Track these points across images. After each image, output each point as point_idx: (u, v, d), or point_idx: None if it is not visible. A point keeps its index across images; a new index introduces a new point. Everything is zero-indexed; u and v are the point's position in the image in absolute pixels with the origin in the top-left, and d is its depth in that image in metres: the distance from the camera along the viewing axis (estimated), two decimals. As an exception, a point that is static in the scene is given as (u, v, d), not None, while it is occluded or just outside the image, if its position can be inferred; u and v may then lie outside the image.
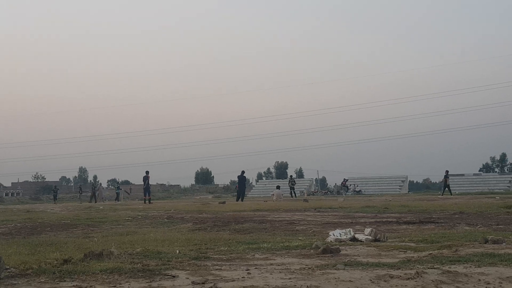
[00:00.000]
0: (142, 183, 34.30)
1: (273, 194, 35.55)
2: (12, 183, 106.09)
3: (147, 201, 31.64)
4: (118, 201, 47.44)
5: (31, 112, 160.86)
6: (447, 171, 39.33)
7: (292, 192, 42.78)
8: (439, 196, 32.25)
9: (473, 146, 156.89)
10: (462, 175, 62.12)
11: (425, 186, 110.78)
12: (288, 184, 44.82)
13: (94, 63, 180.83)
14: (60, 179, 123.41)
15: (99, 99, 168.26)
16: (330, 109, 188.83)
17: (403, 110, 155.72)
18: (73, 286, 4.51)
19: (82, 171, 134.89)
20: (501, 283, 4.44)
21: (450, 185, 39.74)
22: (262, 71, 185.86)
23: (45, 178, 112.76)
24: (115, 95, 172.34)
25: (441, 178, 41.92)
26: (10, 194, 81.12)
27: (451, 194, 35.74)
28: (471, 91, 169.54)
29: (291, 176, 52.03)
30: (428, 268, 5.11)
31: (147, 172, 33.69)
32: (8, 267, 5.35)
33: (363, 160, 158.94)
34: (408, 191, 64.60)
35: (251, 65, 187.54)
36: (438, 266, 5.24)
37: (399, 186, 64.09)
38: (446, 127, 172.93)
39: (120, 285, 4.52)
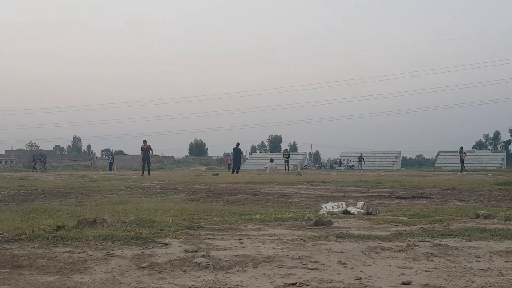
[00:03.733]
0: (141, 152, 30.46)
1: (267, 167, 35.65)
2: (5, 150, 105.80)
3: (145, 173, 28.98)
4: (111, 170, 47.53)
5: (26, 79, 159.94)
6: (461, 147, 39.54)
7: (286, 165, 42.95)
8: (460, 173, 31.19)
9: (467, 123, 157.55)
10: (456, 151, 62.37)
11: (418, 162, 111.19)
12: (283, 157, 45.09)
13: (89, 32, 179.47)
14: (54, 147, 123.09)
15: (95, 68, 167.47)
16: (325, 84, 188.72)
17: (397, 85, 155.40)
18: (66, 251, 4.53)
19: (76, 140, 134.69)
20: (491, 257, 4.48)
21: (450, 162, 39.73)
22: (258, 43, 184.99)
23: (38, 147, 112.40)
24: (110, 65, 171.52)
25: (434, 154, 42.11)
26: (3, 161, 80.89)
27: (461, 171, 35.51)
28: (466, 68, 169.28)
29: (286, 149, 52.16)
30: (419, 241, 5.14)
31: (144, 142, 30.29)
32: (1, 232, 5.36)
33: (357, 135, 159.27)
34: (401, 167, 64.93)
35: (247, 38, 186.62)
36: (429, 239, 5.28)
37: (392, 161, 64.38)
38: (440, 104, 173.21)
39: (113, 251, 4.54)
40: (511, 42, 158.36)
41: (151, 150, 30.72)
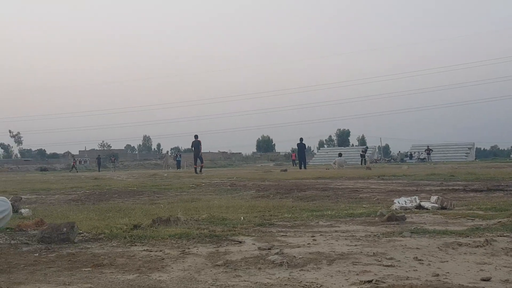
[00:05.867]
0: (192, 148, 29.93)
1: (335, 162, 35.43)
2: (79, 151, 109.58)
3: (198, 170, 28.49)
4: (179, 168, 48.40)
5: (98, 81, 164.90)
6: None
7: (363, 159, 43.52)
8: None
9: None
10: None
11: (493, 153, 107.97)
12: (361, 152, 46.10)
13: (157, 34, 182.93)
14: (125, 147, 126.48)
15: (162, 68, 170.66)
16: (394, 75, 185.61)
17: (469, 75, 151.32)
18: (144, 250, 4.65)
19: (146, 139, 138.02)
20: None
21: None
22: (324, 39, 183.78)
23: (110, 146, 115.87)
24: (177, 65, 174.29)
25: (510, 145, 41.17)
26: (77, 161, 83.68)
27: None
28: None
29: (366, 146, 53.42)
30: (498, 236, 4.99)
31: (195, 137, 29.40)
32: (81, 231, 5.56)
33: (428, 127, 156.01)
34: (475, 159, 63.17)
35: (315, 33, 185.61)
36: (508, 234, 5.11)
37: (466, 153, 62.74)
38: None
39: (189, 249, 4.63)
40: None
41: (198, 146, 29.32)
